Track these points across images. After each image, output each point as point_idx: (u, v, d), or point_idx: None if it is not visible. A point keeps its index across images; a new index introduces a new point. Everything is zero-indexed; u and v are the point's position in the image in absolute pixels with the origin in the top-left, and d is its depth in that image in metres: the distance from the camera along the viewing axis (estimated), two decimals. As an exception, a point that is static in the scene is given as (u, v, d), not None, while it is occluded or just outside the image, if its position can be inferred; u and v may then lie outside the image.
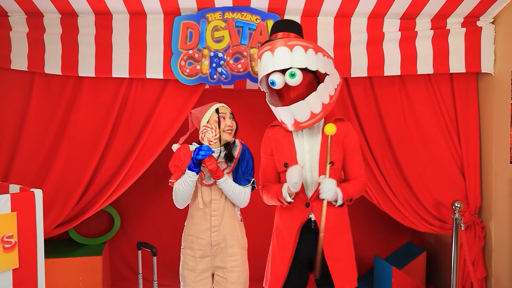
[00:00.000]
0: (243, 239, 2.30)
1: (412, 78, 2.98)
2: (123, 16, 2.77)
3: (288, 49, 2.03)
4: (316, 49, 2.09)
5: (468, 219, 2.94)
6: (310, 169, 2.14)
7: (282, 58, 2.03)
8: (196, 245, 2.21)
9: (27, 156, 2.82)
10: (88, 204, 2.89)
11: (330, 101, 2.11)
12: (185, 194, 2.16)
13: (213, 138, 2.12)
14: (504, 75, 2.79)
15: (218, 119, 2.18)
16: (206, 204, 2.20)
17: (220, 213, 2.21)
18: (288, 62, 2.03)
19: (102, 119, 2.85)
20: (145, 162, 2.88)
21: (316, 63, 2.06)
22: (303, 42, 2.07)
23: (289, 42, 2.04)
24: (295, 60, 2.02)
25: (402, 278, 3.09)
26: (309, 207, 2.13)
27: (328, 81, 2.11)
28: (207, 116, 2.20)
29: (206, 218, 2.20)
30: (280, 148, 2.20)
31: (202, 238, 2.20)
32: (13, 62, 2.77)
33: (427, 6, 2.74)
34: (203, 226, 2.21)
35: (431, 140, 3.00)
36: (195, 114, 2.26)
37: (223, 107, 2.24)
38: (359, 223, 3.59)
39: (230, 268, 2.23)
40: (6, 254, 1.92)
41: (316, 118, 2.08)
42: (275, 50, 2.04)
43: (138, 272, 2.84)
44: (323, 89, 2.07)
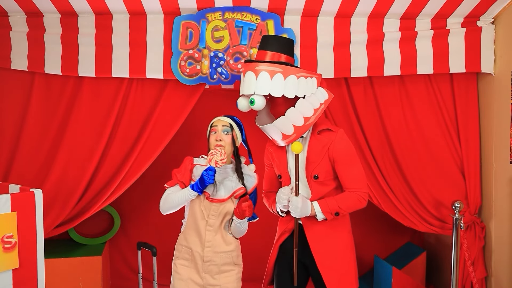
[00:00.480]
0: (238, 257, 2.23)
1: (412, 78, 2.98)
2: (123, 16, 2.77)
3: (254, 74, 2.09)
4: (287, 73, 2.08)
5: (468, 219, 2.94)
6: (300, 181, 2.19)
7: (248, 83, 2.12)
8: (190, 256, 2.17)
9: (27, 156, 2.82)
10: (88, 204, 2.89)
11: (307, 122, 2.13)
12: (175, 206, 2.16)
13: (220, 161, 2.09)
14: (504, 75, 2.79)
15: (208, 134, 2.19)
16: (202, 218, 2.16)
17: (215, 230, 2.15)
18: (251, 88, 2.10)
19: (102, 119, 2.85)
20: (145, 162, 2.88)
21: (282, 88, 2.07)
22: (272, 67, 2.07)
23: (256, 68, 2.09)
24: (258, 87, 2.08)
25: (402, 278, 3.09)
26: None
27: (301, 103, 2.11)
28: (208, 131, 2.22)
29: (201, 232, 2.15)
30: (276, 159, 2.29)
31: (196, 251, 2.16)
32: (13, 62, 2.77)
33: (427, 6, 2.74)
34: (198, 240, 2.16)
35: (431, 140, 3.00)
36: None
37: (219, 120, 2.18)
38: (359, 223, 3.59)
39: (224, 284, 2.16)
40: (6, 254, 1.92)
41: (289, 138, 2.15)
42: (245, 74, 2.15)
43: (138, 272, 2.85)
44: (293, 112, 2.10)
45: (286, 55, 2.16)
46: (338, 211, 2.11)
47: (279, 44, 2.16)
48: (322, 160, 2.14)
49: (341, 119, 2.95)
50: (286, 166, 2.23)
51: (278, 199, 2.17)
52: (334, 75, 2.83)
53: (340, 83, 2.94)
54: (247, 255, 3.50)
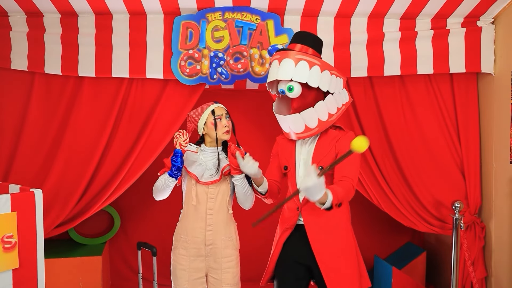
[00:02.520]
0: (237, 240, 2.31)
1: (412, 78, 2.98)
2: (123, 16, 2.77)
3: (293, 62, 2.10)
4: (323, 67, 2.14)
5: (468, 219, 2.94)
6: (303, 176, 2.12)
7: (285, 70, 2.11)
8: (191, 244, 2.21)
9: (27, 156, 2.82)
10: (88, 204, 2.89)
11: (329, 119, 2.17)
12: (161, 192, 2.24)
13: (184, 142, 2.18)
14: (504, 75, 2.79)
15: (214, 121, 2.21)
16: (201, 202, 2.21)
17: (215, 212, 2.22)
18: (289, 74, 2.10)
19: (102, 119, 2.85)
20: (145, 162, 2.88)
21: (319, 80, 2.11)
22: (311, 58, 2.12)
23: (296, 56, 2.11)
24: (297, 74, 2.09)
25: (402, 278, 3.09)
26: (299, 210, 2.19)
27: (330, 100, 2.17)
28: (203, 118, 2.23)
29: (201, 216, 2.21)
30: (283, 151, 2.28)
31: (197, 237, 2.21)
32: (13, 62, 2.77)
33: (427, 6, 2.74)
34: (198, 225, 2.21)
35: (431, 140, 3.00)
36: (192, 116, 2.29)
37: (219, 108, 2.25)
38: (359, 223, 3.59)
39: (225, 269, 2.23)
40: (6, 254, 1.92)
41: (310, 132, 2.16)
42: (282, 60, 2.13)
43: (138, 272, 2.84)
44: (321, 106, 2.14)
45: (314, 50, 2.19)
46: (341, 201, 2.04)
47: (310, 39, 2.21)
48: (328, 153, 2.16)
49: (341, 119, 2.94)
50: (294, 160, 2.23)
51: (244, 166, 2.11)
52: (334, 75, 2.83)
53: (340, 83, 2.95)
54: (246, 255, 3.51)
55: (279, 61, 2.14)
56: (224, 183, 2.25)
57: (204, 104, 2.29)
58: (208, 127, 2.22)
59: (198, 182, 2.21)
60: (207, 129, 2.23)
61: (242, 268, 2.35)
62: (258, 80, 2.81)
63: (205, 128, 2.24)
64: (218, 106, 2.25)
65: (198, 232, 2.21)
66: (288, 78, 2.11)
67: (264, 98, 3.16)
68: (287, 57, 2.12)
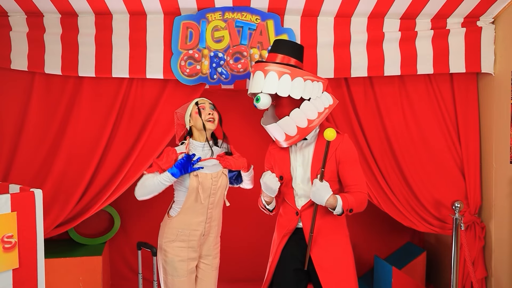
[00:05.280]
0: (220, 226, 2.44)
1: (412, 78, 2.98)
2: (123, 16, 2.77)
3: (262, 74, 2.15)
4: (294, 74, 2.13)
5: (468, 219, 2.94)
6: (302, 181, 2.20)
7: (256, 81, 2.18)
8: (190, 236, 2.27)
9: (27, 156, 2.82)
10: (88, 204, 2.89)
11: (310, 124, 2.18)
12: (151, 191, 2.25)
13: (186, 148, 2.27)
14: (504, 75, 2.79)
15: (198, 110, 2.28)
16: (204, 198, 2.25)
17: (215, 205, 2.31)
18: (259, 86, 2.16)
19: (102, 119, 2.85)
20: (145, 162, 2.87)
21: (289, 89, 2.12)
22: (281, 68, 2.13)
23: (265, 67, 2.15)
24: (266, 85, 2.14)
25: (402, 278, 3.09)
26: (298, 215, 2.21)
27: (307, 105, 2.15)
28: (188, 111, 2.32)
29: (203, 211, 2.27)
30: (277, 162, 2.29)
31: (196, 230, 2.28)
32: (13, 62, 2.77)
33: (427, 6, 2.74)
34: (199, 219, 2.27)
35: (431, 140, 3.00)
36: (179, 112, 2.38)
37: (202, 99, 2.35)
38: (359, 223, 3.59)
39: (215, 254, 2.40)
40: (6, 254, 1.92)
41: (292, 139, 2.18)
42: (254, 73, 2.21)
43: (138, 272, 2.84)
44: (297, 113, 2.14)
45: (296, 59, 2.22)
46: (353, 208, 2.11)
47: (290, 48, 2.22)
48: (329, 159, 2.16)
49: (341, 119, 2.96)
50: (289, 166, 2.24)
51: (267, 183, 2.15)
52: (334, 75, 2.83)
53: (340, 83, 2.94)
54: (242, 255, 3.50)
55: (253, 74, 2.21)
56: (223, 177, 2.31)
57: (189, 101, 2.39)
58: (193, 117, 2.30)
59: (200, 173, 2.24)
60: (192, 120, 2.30)
61: (239, 268, 2.36)
62: (258, 80, 2.80)
63: (191, 120, 2.31)
64: (201, 98, 2.36)
65: (199, 226, 2.28)
66: (258, 90, 2.15)
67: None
68: (258, 69, 2.18)
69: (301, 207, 2.20)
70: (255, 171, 2.45)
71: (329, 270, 2.14)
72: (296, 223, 2.22)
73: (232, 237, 3.33)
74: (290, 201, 2.24)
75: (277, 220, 2.37)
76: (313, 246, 2.16)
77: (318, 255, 2.15)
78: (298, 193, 2.22)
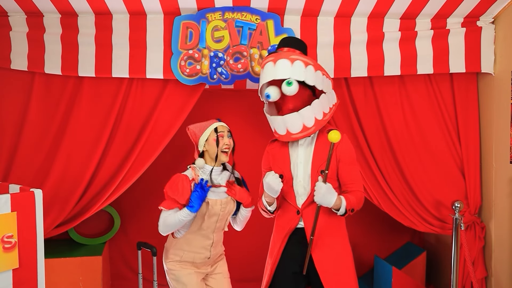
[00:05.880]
0: None
1: (412, 78, 2.98)
2: (123, 16, 2.77)
3: (289, 61, 2.13)
4: (316, 67, 2.18)
5: (468, 219, 2.94)
6: (303, 179, 2.20)
7: (283, 69, 2.13)
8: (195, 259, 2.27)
9: (27, 156, 2.82)
10: (88, 204, 2.89)
11: (324, 117, 2.20)
12: (175, 228, 2.20)
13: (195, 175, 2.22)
14: (504, 75, 2.79)
15: (216, 138, 2.21)
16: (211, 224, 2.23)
17: (220, 230, 2.32)
18: (287, 73, 2.12)
19: (102, 119, 2.85)
20: (145, 162, 2.88)
21: (314, 79, 2.16)
22: (305, 58, 2.17)
23: (291, 56, 2.14)
24: (294, 72, 2.12)
25: (402, 278, 3.09)
26: (299, 214, 2.20)
27: (324, 99, 2.21)
28: (206, 135, 2.23)
29: (209, 236, 2.26)
30: (277, 160, 2.28)
31: (202, 253, 2.26)
32: (13, 62, 2.77)
33: (427, 6, 2.74)
34: (205, 243, 2.26)
35: (431, 140, 3.00)
36: (193, 130, 2.28)
37: (222, 126, 2.26)
38: (359, 223, 3.59)
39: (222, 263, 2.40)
40: (6, 254, 1.92)
41: (308, 131, 2.17)
42: (277, 61, 2.15)
43: (138, 272, 2.85)
44: (317, 104, 2.17)
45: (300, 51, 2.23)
46: (354, 208, 2.15)
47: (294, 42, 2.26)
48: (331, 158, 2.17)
49: (341, 119, 2.96)
50: (289, 164, 2.23)
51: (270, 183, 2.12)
52: (334, 75, 2.83)
53: (340, 83, 2.94)
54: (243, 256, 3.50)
55: (274, 62, 2.15)
56: (231, 203, 2.28)
57: (207, 121, 2.29)
58: (209, 144, 2.22)
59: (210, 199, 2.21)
60: (208, 146, 2.23)
61: (240, 269, 2.36)
62: (258, 80, 2.80)
63: (206, 145, 2.23)
64: (221, 125, 2.27)
65: (204, 249, 2.26)
66: (286, 76, 2.12)
67: (264, 98, 3.16)
68: (282, 58, 2.14)
69: (302, 205, 2.20)
70: (254, 172, 2.45)
71: (330, 271, 2.14)
72: (297, 222, 2.21)
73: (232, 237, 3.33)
74: (290, 199, 2.23)
75: (275, 221, 2.35)
76: (314, 247, 2.16)
77: (319, 256, 2.15)
78: (299, 191, 2.21)
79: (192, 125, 2.30)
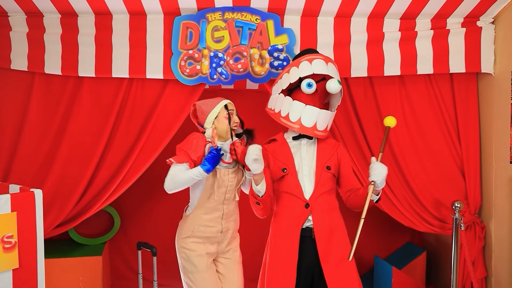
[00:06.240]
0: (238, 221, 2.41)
1: (412, 78, 2.98)
2: (123, 16, 2.77)
3: (324, 61, 2.23)
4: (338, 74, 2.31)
5: (468, 219, 2.94)
6: (308, 174, 2.21)
7: (334, 70, 2.25)
8: (206, 233, 2.23)
9: (27, 156, 2.82)
10: (88, 204, 2.89)
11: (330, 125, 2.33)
12: (182, 185, 2.15)
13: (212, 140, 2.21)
14: (504, 75, 2.79)
15: (228, 115, 2.23)
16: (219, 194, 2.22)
17: (230, 201, 2.28)
18: (324, 70, 2.21)
19: (102, 119, 2.85)
20: (145, 162, 2.88)
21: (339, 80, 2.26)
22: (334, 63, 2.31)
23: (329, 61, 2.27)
24: (330, 71, 2.22)
25: (402, 278, 3.09)
26: (309, 207, 2.16)
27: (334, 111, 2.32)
28: (215, 111, 2.24)
29: (218, 208, 2.24)
30: (277, 156, 2.27)
31: (213, 226, 2.24)
32: (13, 62, 2.78)
33: (427, 6, 2.74)
34: (214, 215, 2.24)
35: (431, 140, 3.00)
36: (201, 107, 2.27)
37: (231, 103, 2.30)
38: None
39: (235, 247, 2.36)
40: (6, 254, 1.92)
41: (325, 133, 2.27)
42: (313, 60, 2.23)
43: (138, 272, 2.84)
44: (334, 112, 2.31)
45: None
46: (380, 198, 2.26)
47: None
48: (332, 156, 2.26)
49: (341, 119, 2.95)
50: (292, 160, 2.23)
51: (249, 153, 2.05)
52: (334, 75, 2.83)
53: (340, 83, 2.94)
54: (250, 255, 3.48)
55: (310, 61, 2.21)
56: (239, 173, 2.29)
57: (213, 98, 2.29)
58: (220, 121, 2.23)
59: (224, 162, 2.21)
60: (218, 123, 2.24)
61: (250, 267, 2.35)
62: (258, 80, 2.80)
63: (216, 122, 2.24)
64: (230, 102, 2.31)
65: (215, 222, 2.24)
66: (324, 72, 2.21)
67: (264, 98, 3.15)
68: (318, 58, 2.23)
69: (309, 198, 2.17)
70: None
71: (335, 270, 2.13)
72: (307, 216, 2.16)
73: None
74: (297, 193, 2.17)
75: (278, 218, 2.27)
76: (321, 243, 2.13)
77: (325, 254, 2.14)
78: (306, 186, 2.19)
79: (199, 101, 2.30)
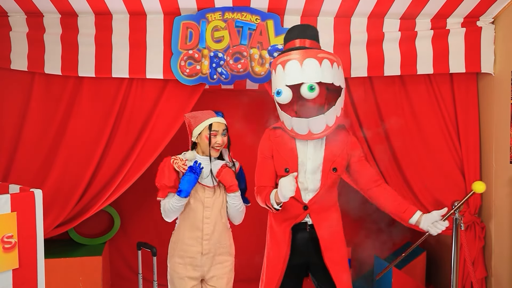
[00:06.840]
0: (232, 247, 2.29)
1: (412, 78, 2.97)
2: (123, 16, 2.77)
3: (317, 62, 1.99)
4: (338, 62, 2.08)
5: (468, 219, 2.94)
6: (312, 174, 2.15)
7: (312, 71, 1.99)
8: (187, 252, 2.18)
9: (27, 156, 2.82)
10: (88, 204, 2.89)
11: (341, 112, 2.14)
12: (174, 213, 2.17)
13: (182, 164, 2.16)
14: (504, 75, 2.79)
15: (209, 136, 2.15)
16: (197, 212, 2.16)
17: (212, 221, 2.18)
18: (317, 76, 1.99)
19: (102, 119, 2.85)
20: (145, 162, 2.88)
21: (339, 77, 2.07)
22: (330, 55, 2.04)
23: (318, 55, 2.00)
24: (324, 75, 1.99)
25: (402, 278, 3.09)
26: (307, 210, 2.16)
27: (343, 95, 2.12)
28: (199, 129, 2.17)
29: (198, 226, 2.17)
30: (282, 152, 2.19)
31: (193, 246, 2.17)
32: (13, 62, 2.78)
33: (427, 6, 2.74)
34: (194, 234, 2.17)
35: (431, 140, 3.00)
36: (189, 119, 2.22)
37: (217, 123, 2.16)
38: (359, 223, 3.59)
39: (220, 275, 2.22)
40: (6, 254, 1.92)
41: (329, 130, 2.11)
42: (303, 61, 1.99)
43: (138, 272, 2.84)
44: (339, 102, 2.09)
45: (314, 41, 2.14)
46: None
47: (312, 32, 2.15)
48: (341, 153, 2.16)
49: (341, 119, 2.95)
50: (296, 159, 2.16)
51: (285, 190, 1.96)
52: (334, 75, 2.83)
53: (340, 83, 2.94)
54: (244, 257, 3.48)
55: (301, 62, 1.99)
56: (221, 192, 2.21)
57: (205, 112, 2.21)
58: (201, 139, 2.17)
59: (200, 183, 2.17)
60: (200, 139, 2.18)
61: (243, 268, 2.34)
62: (258, 80, 2.81)
63: (199, 138, 2.19)
64: (217, 122, 2.17)
65: (194, 241, 2.17)
66: (317, 80, 1.98)
67: (264, 98, 3.16)
68: (309, 56, 2.00)
69: (308, 201, 2.15)
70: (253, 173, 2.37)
71: (338, 262, 2.16)
72: (304, 217, 2.16)
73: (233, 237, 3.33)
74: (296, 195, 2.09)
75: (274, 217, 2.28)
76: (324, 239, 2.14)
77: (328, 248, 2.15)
78: (309, 187, 2.15)
79: (188, 114, 2.24)
